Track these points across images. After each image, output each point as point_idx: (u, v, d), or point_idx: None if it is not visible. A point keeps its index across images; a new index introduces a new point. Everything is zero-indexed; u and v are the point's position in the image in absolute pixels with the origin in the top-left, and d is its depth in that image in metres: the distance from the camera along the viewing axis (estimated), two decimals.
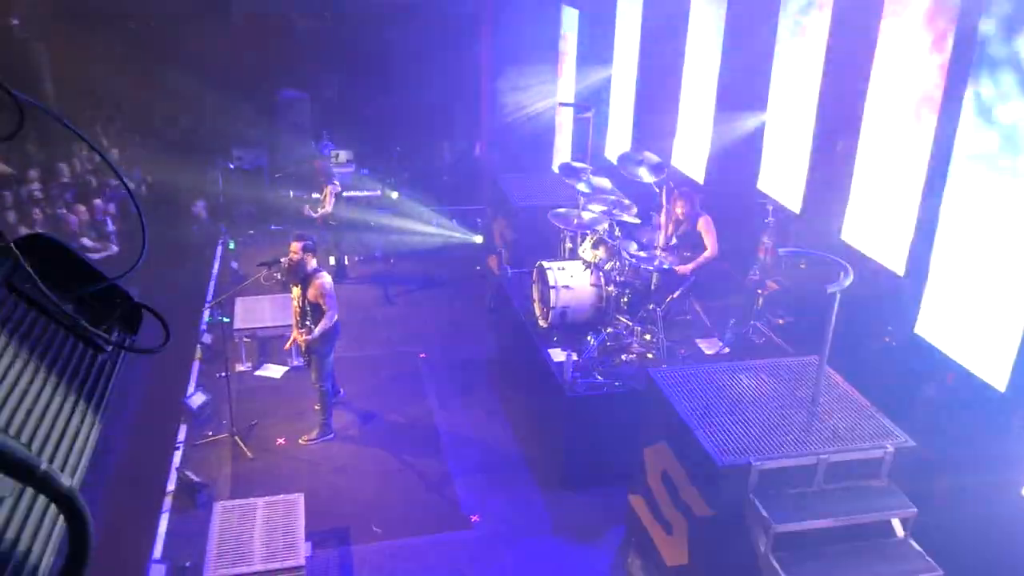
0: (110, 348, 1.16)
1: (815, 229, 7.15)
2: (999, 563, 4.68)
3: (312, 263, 7.20)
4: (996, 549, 4.72)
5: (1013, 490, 4.94)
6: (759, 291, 7.46)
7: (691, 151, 9.37)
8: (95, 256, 10.83)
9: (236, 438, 7.69)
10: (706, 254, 7.55)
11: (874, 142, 6.57)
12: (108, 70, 12.96)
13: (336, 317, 7.24)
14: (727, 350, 7.29)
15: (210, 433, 7.84)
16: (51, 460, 0.92)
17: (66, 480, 0.74)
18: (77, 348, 1.10)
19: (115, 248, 11.21)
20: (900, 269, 6.29)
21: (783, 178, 7.79)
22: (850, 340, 5.98)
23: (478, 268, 11.26)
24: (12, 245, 1.05)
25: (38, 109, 1.14)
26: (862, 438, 5.21)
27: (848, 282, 5.05)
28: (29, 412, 0.95)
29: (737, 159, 8.36)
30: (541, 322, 7.79)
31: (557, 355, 7.30)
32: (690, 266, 7.51)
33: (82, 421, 1.02)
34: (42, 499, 0.85)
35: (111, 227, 11.41)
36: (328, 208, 10.78)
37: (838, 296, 5.21)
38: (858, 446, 5.15)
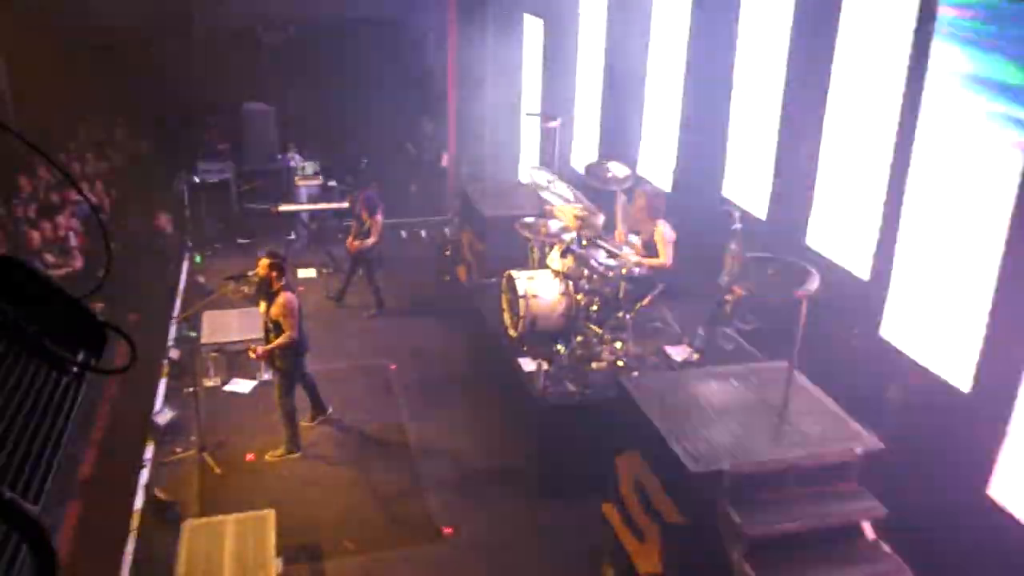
0: (75, 369, 1.13)
1: (781, 235, 7.23)
2: (968, 562, 4.75)
3: (279, 282, 7.14)
4: (965, 548, 4.79)
5: (980, 490, 5.02)
6: (727, 297, 7.51)
7: (657, 159, 9.44)
8: (58, 272, 10.64)
9: (204, 455, 7.58)
10: (657, 261, 7.54)
11: (836, 148, 6.67)
12: (70, 85, 12.78)
13: (294, 337, 7.15)
14: (697, 356, 7.34)
15: (178, 450, 7.72)
16: (13, 485, 0.89)
17: (30, 507, 0.71)
18: (41, 369, 1.08)
19: (79, 264, 11.02)
20: (865, 274, 6.38)
21: (748, 185, 7.88)
22: (818, 344, 6.04)
23: (447, 279, 11.23)
24: None
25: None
26: (831, 441, 5.26)
27: (816, 286, 5.11)
28: None
29: (702, 166, 8.44)
30: (511, 331, 7.79)
31: (528, 364, 7.31)
32: (644, 261, 7.49)
33: (45, 444, 0.99)
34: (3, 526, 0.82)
35: (74, 242, 11.22)
36: (375, 239, 10.18)
37: (806, 301, 5.28)
38: (828, 449, 5.20)
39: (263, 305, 7.31)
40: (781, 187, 7.35)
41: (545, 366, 7.09)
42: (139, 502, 7.04)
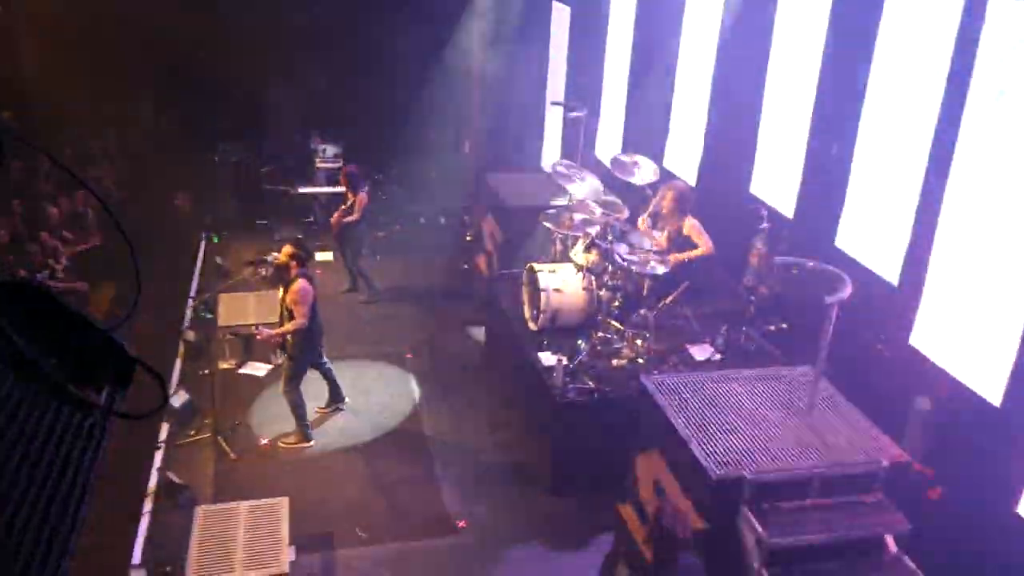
0: (99, 411, 1.05)
1: (808, 235, 7.09)
2: None
3: (296, 271, 7.10)
4: (990, 567, 4.68)
5: (1008, 507, 4.90)
6: (751, 297, 7.40)
7: (683, 153, 9.29)
8: (76, 248, 10.63)
9: (219, 438, 7.55)
10: (700, 251, 7.48)
11: (870, 147, 6.51)
12: (92, 61, 12.71)
13: (303, 325, 7.08)
14: (719, 356, 7.23)
15: (192, 432, 7.69)
16: (32, 550, 0.81)
17: None
18: (61, 411, 0.99)
19: (97, 240, 11.00)
20: (895, 278, 6.24)
21: (776, 183, 7.73)
22: (843, 349, 5.92)
23: (466, 267, 11.14)
24: None
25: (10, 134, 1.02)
26: (856, 452, 5.16)
27: (847, 293, 4.99)
28: (6, 496, 0.84)
29: (730, 162, 8.29)
30: (531, 325, 7.69)
31: (547, 359, 7.21)
32: (682, 256, 7.42)
33: (68, 497, 0.91)
34: None
35: (92, 219, 11.20)
36: (357, 216, 9.97)
37: (835, 307, 5.16)
38: (852, 460, 5.10)
39: (280, 291, 7.27)
40: (811, 186, 7.20)
41: (564, 361, 6.99)
42: (152, 484, 7.02)
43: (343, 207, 10.10)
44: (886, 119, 6.33)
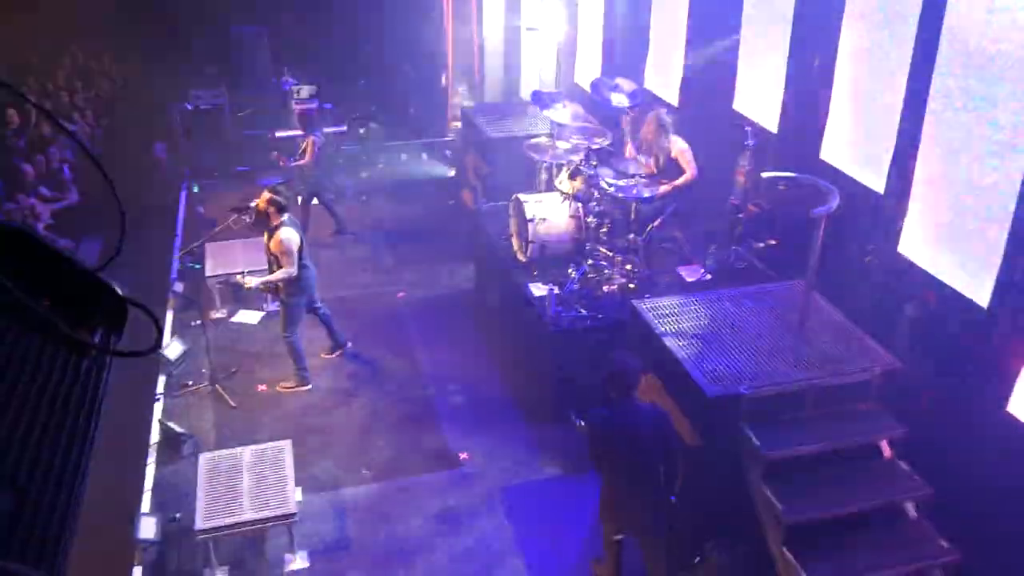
0: (94, 352, 1.03)
1: (793, 149, 7.05)
2: (987, 480, 4.75)
3: (277, 218, 6.99)
4: (983, 466, 4.78)
5: (999, 407, 4.99)
6: (739, 215, 7.38)
7: (664, 73, 9.16)
8: (55, 206, 10.48)
9: (217, 386, 7.58)
10: (685, 177, 7.43)
11: (852, 56, 6.43)
12: (52, 10, 12.35)
13: (292, 274, 7.03)
14: (709, 277, 7.25)
15: (190, 383, 7.72)
16: (40, 497, 0.80)
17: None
18: (58, 355, 0.97)
19: (75, 196, 10.85)
20: (880, 187, 6.23)
21: (759, 98, 7.64)
22: (832, 262, 5.95)
23: (451, 203, 11.06)
24: None
25: None
26: (849, 361, 5.23)
27: (835, 205, 4.99)
28: (8, 440, 0.82)
29: (712, 80, 8.18)
30: (520, 256, 7.68)
31: (538, 289, 7.22)
32: (668, 187, 7.38)
33: (72, 442, 0.90)
34: None
35: (68, 175, 11.03)
36: (308, 160, 9.77)
37: (823, 220, 5.16)
38: (846, 369, 5.17)
39: (265, 237, 7.20)
40: (794, 99, 7.13)
41: (556, 291, 7.00)
42: (154, 435, 7.07)
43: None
44: (866, 26, 6.23)
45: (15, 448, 0.82)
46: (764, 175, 6.19)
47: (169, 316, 8.74)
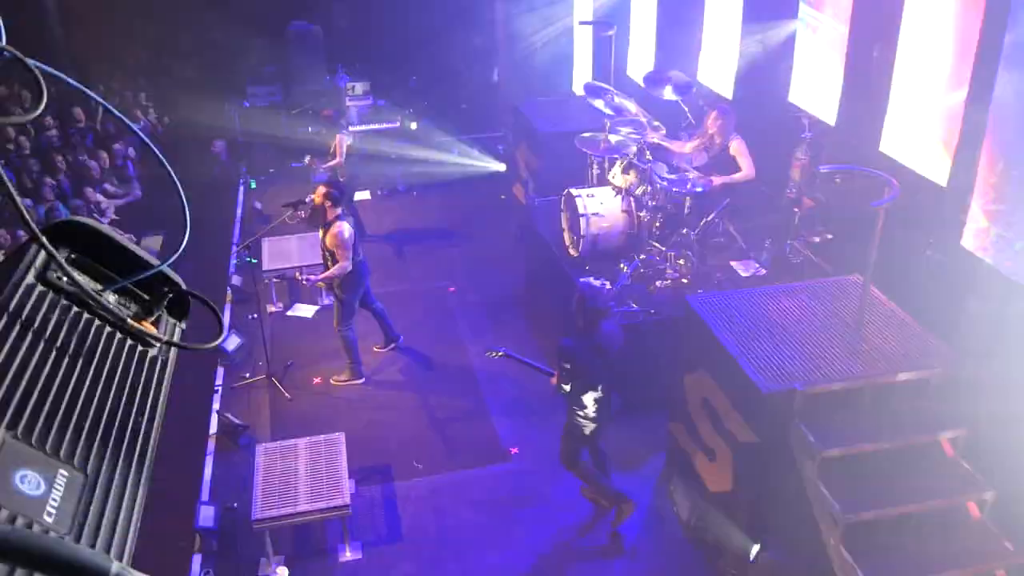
0: (160, 344, 1.06)
1: (851, 142, 6.89)
2: None
3: (333, 213, 7.08)
4: None
5: None
6: (795, 209, 7.26)
7: (718, 65, 9.03)
8: (119, 201, 10.79)
9: (273, 379, 7.73)
10: (741, 174, 7.32)
11: (914, 46, 6.26)
12: (118, 11, 12.69)
13: (347, 268, 7.11)
14: (764, 271, 7.14)
15: (247, 375, 7.88)
16: (109, 484, 0.83)
17: None
18: (124, 346, 1.00)
19: (138, 192, 11.16)
20: (943, 180, 6.06)
21: (816, 90, 7.49)
22: (891, 256, 5.81)
23: (503, 197, 11.08)
24: (41, 235, 0.94)
25: (45, 72, 1.01)
26: (909, 358, 5.10)
27: (894, 198, 4.86)
28: (80, 429, 0.86)
29: (767, 72, 8.04)
30: (571, 251, 7.66)
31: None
32: (721, 180, 7.28)
33: (138, 431, 0.93)
34: None
35: (132, 171, 11.34)
36: (339, 160, 9.78)
37: (882, 213, 5.04)
38: (905, 367, 5.04)
39: (321, 232, 7.31)
40: (853, 91, 6.97)
41: (608, 286, 6.96)
42: (214, 426, 7.24)
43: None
44: (930, 15, 6.06)
45: (86, 434, 0.86)
46: (822, 168, 6.07)
47: (227, 309, 8.94)
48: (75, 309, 0.97)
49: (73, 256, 1.01)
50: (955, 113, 5.83)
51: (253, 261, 9.27)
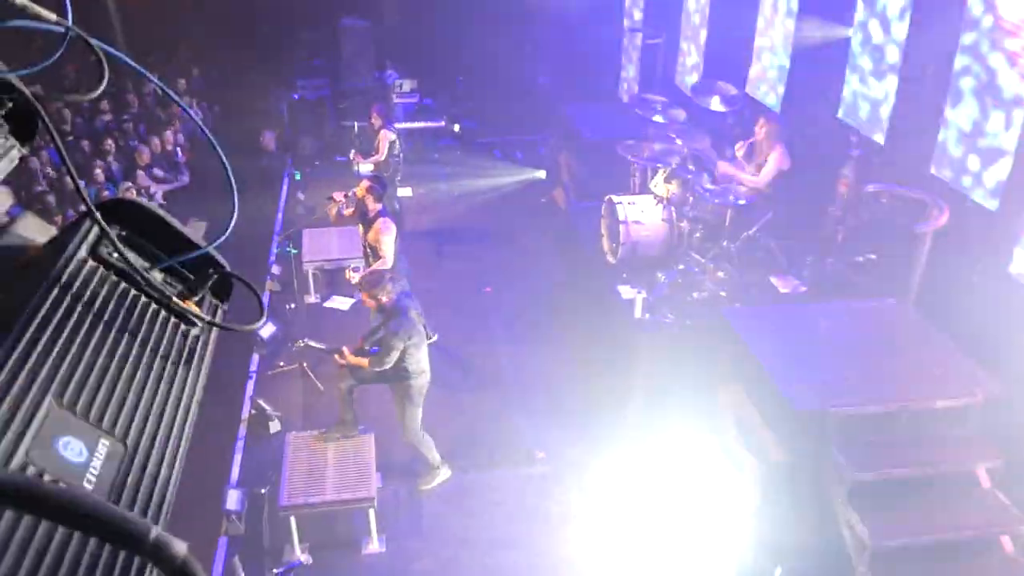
0: (203, 323, 1.08)
1: (901, 162, 6.78)
2: None
3: (375, 206, 7.14)
4: None
5: None
6: (838, 227, 7.16)
7: (767, 79, 8.95)
8: (167, 186, 10.98)
9: (307, 369, 7.80)
10: (753, 179, 7.29)
11: (970, 65, 6.14)
12: (171, 1, 12.93)
13: (390, 263, 7.15)
14: (804, 288, 7.06)
15: (281, 364, 7.96)
16: (147, 456, 0.85)
17: (180, 547, 0.66)
18: (168, 323, 1.03)
19: (186, 179, 11.34)
20: (994, 204, 5.94)
21: (867, 107, 7.39)
22: (935, 279, 5.72)
23: (543, 200, 11.08)
24: (95, 211, 0.97)
25: (106, 53, 1.04)
26: (949, 385, 5.00)
27: (942, 221, 4.79)
28: (122, 401, 0.88)
29: (817, 87, 7.95)
30: (610, 258, 7.64)
31: (626, 292, 7.17)
32: (765, 177, 7.23)
33: (177, 407, 0.95)
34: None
35: (181, 158, 11.53)
36: (382, 156, 9.73)
37: (929, 235, 4.96)
38: (944, 393, 4.95)
39: (361, 228, 7.37)
40: (904, 108, 6.86)
41: (644, 294, 6.94)
42: (246, 411, 7.33)
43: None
44: (986, 33, 5.95)
45: (128, 407, 0.88)
46: (869, 187, 5.98)
47: (267, 296, 9.05)
48: (123, 285, 0.99)
49: (124, 233, 1.04)
50: (1010, 136, 5.71)
51: (294, 251, 9.39)
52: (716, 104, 7.70)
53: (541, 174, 11.94)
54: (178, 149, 11.48)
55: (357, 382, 6.22)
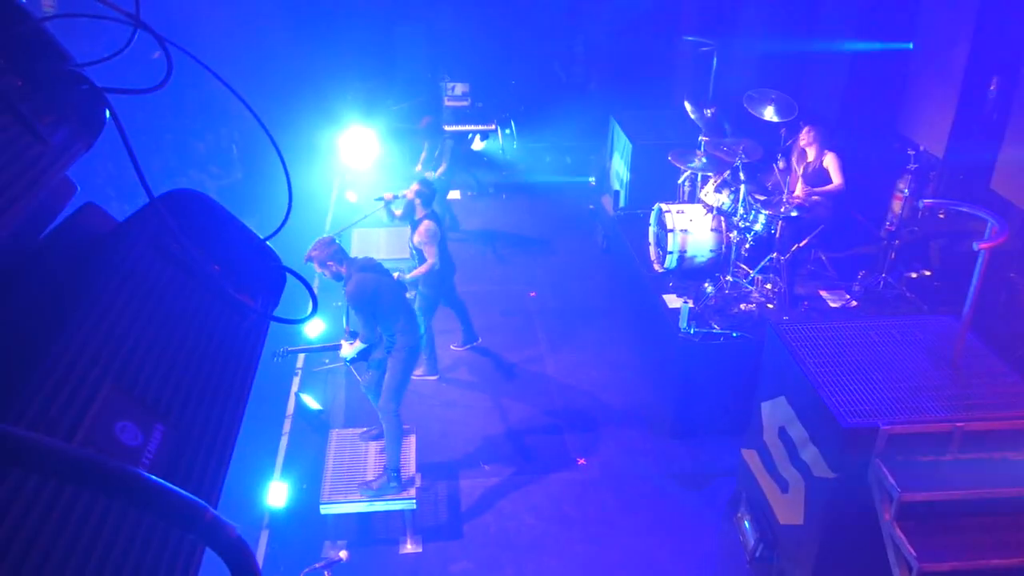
0: (256, 315, 1.10)
1: (960, 177, 6.64)
2: None
3: (422, 210, 7.18)
4: None
5: None
6: (893, 242, 7.02)
7: (824, 89, 8.81)
8: (221, 182, 11.19)
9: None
10: (832, 185, 7.15)
11: None
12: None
13: (435, 266, 7.15)
14: (855, 304, 6.93)
15: (327, 361, 8.05)
16: (199, 442, 0.87)
17: (233, 529, 0.67)
18: (223, 314, 1.05)
19: (239, 175, 11.54)
20: None
21: (927, 120, 7.24)
22: (992, 298, 5.57)
23: (591, 207, 11.04)
24: (159, 202, 0.99)
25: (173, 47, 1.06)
26: (1005, 407, 4.86)
27: (1002, 239, 4.66)
28: (177, 387, 0.90)
29: (875, 98, 7.82)
30: (656, 266, 7.59)
31: (672, 301, 7.11)
32: (811, 190, 7.12)
33: (228, 395, 0.97)
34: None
35: (235, 154, 11.74)
36: (444, 166, 9.67)
37: (986, 253, 4.83)
38: (998, 415, 4.81)
39: (409, 229, 7.42)
40: (965, 123, 6.71)
41: (691, 304, 6.87)
42: (291, 407, 7.42)
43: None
44: None
45: (183, 393, 0.90)
46: (924, 202, 5.85)
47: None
48: (182, 275, 1.01)
49: (183, 224, 1.06)
50: None
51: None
52: (770, 114, 7.59)
53: (590, 177, 11.90)
54: (232, 145, 11.69)
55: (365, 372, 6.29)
